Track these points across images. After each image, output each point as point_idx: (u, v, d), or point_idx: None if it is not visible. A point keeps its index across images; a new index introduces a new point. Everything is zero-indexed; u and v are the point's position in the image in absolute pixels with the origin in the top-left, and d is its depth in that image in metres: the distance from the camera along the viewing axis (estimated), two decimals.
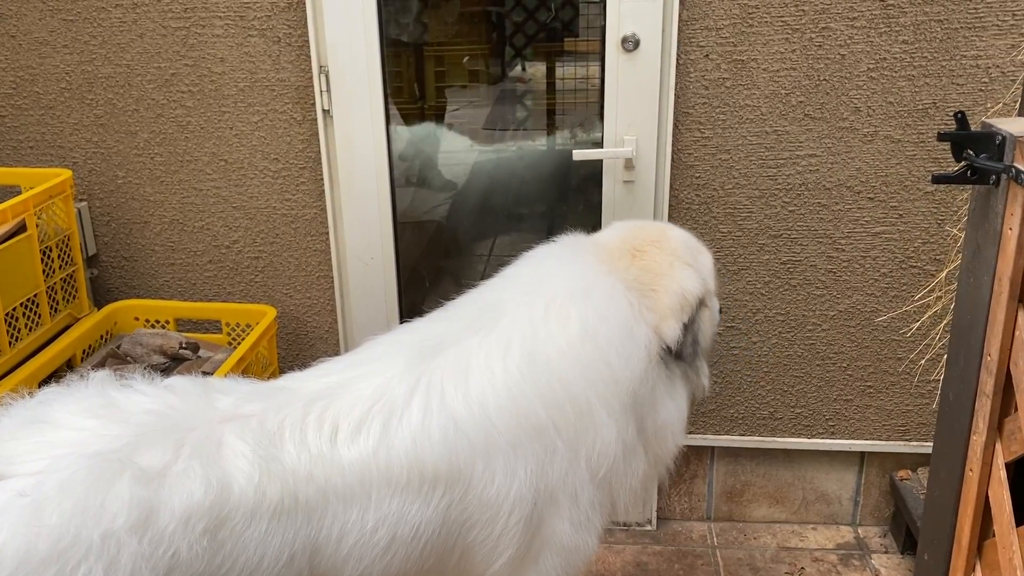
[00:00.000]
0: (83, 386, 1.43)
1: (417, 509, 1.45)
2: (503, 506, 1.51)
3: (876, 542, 2.75)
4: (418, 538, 1.46)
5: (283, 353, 2.69)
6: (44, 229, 2.29)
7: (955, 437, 1.64)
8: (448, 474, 1.47)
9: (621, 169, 2.44)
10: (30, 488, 1.23)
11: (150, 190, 2.58)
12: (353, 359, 1.62)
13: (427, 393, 1.51)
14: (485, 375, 1.54)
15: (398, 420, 1.47)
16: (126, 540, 1.23)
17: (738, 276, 2.55)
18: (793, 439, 2.72)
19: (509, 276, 1.76)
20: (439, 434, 1.47)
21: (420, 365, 1.55)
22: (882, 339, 2.57)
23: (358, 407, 1.47)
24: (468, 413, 1.50)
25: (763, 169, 2.44)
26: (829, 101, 2.36)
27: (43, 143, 2.56)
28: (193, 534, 1.28)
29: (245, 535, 1.33)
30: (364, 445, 1.44)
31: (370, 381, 1.52)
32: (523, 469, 1.52)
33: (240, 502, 1.33)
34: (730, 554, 2.70)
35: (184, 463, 1.32)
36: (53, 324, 2.34)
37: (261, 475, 1.36)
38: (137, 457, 1.30)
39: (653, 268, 1.71)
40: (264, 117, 2.48)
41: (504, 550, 1.55)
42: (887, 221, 2.46)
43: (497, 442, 1.50)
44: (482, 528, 1.52)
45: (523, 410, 1.52)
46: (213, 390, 1.48)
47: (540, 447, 1.53)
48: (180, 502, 1.28)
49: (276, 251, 2.62)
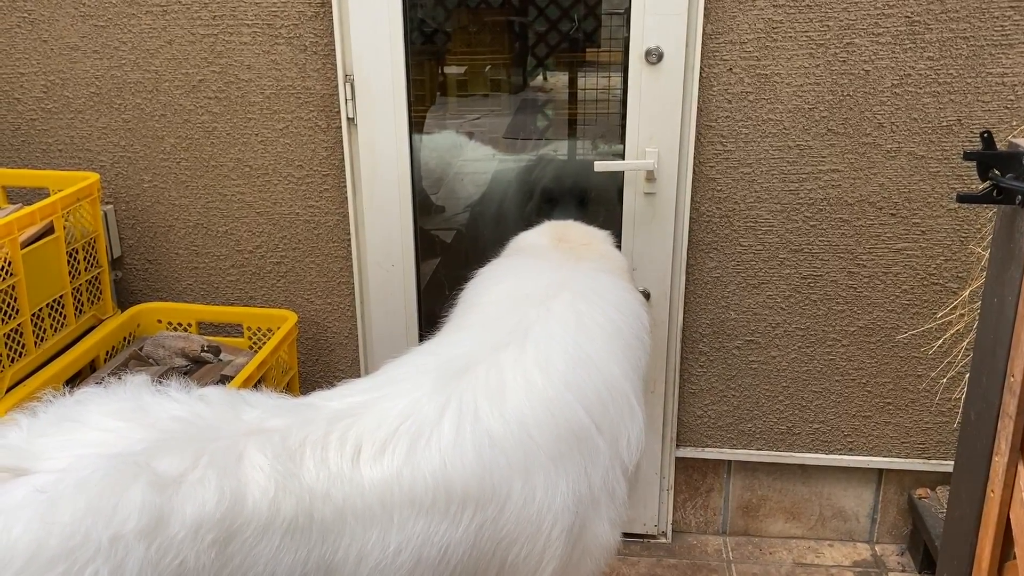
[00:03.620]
0: (119, 389, 1.44)
1: (444, 530, 1.41)
2: (545, 521, 1.48)
3: (893, 560, 2.73)
4: (446, 560, 1.42)
5: (303, 358, 2.70)
6: (71, 231, 2.32)
7: (976, 457, 1.63)
8: (480, 494, 1.44)
9: (642, 181, 2.44)
10: (49, 485, 1.24)
11: (175, 194, 2.61)
12: (378, 379, 1.60)
13: (459, 411, 1.48)
14: (523, 390, 1.52)
15: (426, 440, 1.44)
16: (134, 545, 1.22)
17: (758, 290, 2.55)
18: (811, 454, 2.71)
19: (503, 289, 1.81)
20: (473, 453, 1.44)
21: (450, 384, 1.52)
22: (902, 356, 2.56)
23: (384, 427, 1.45)
24: (505, 430, 1.47)
25: (785, 183, 2.44)
26: (852, 116, 2.36)
27: (71, 147, 2.60)
28: (202, 544, 1.26)
29: (256, 550, 1.31)
30: (388, 465, 1.41)
31: (397, 401, 1.49)
32: (565, 482, 1.49)
33: (253, 515, 1.31)
34: (745, 569, 2.69)
35: (200, 472, 1.31)
36: (78, 325, 2.36)
37: (277, 490, 1.34)
38: (155, 462, 1.30)
39: (591, 247, 1.96)
40: (289, 124, 2.50)
41: (548, 564, 1.51)
42: (909, 238, 2.45)
43: (537, 458, 1.48)
44: (523, 545, 1.48)
45: (565, 419, 1.51)
46: (242, 402, 1.47)
47: (582, 454, 1.52)
48: (192, 511, 1.27)
49: (298, 256, 2.64)
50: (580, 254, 1.95)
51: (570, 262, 1.90)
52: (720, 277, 2.55)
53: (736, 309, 2.56)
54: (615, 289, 1.83)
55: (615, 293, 1.81)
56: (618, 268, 1.98)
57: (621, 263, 2.04)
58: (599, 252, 1.99)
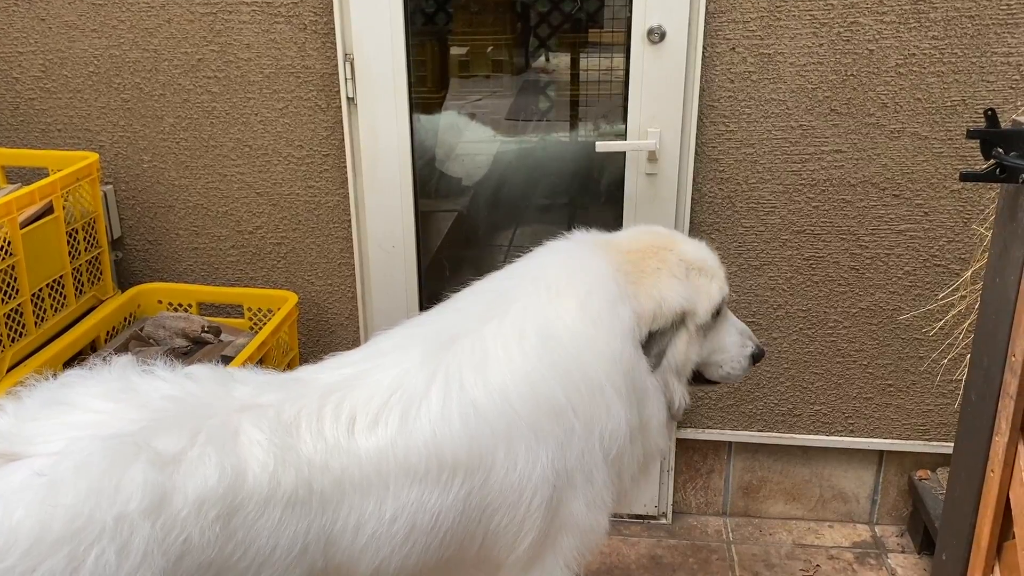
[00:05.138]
0: (105, 370, 1.44)
1: (436, 498, 1.45)
2: (525, 490, 1.52)
3: (893, 541, 2.74)
4: (437, 527, 1.46)
5: (304, 339, 2.70)
6: (70, 211, 2.32)
7: (977, 437, 1.62)
8: (468, 461, 1.48)
9: (644, 162, 2.43)
10: (47, 468, 1.24)
11: (175, 175, 2.60)
12: (367, 352, 1.63)
13: (446, 382, 1.51)
14: (503, 361, 1.55)
15: (416, 410, 1.48)
16: (139, 523, 1.23)
17: (760, 272, 2.54)
18: (811, 436, 2.71)
19: (515, 268, 1.79)
20: (459, 422, 1.48)
21: (437, 355, 1.55)
22: (904, 338, 2.55)
23: (376, 398, 1.47)
24: (488, 400, 1.51)
25: (788, 164, 2.42)
26: (856, 96, 2.34)
27: (70, 126, 2.58)
28: (206, 520, 1.28)
29: (258, 523, 1.33)
30: (382, 435, 1.44)
31: (387, 372, 1.52)
32: (544, 453, 1.53)
33: (254, 490, 1.33)
34: (745, 549, 2.70)
35: (199, 449, 1.32)
36: (78, 305, 2.36)
37: (276, 464, 1.36)
38: (153, 441, 1.30)
39: (644, 269, 1.70)
40: (289, 104, 2.49)
41: (527, 534, 1.56)
42: (912, 219, 2.44)
43: (519, 427, 1.51)
44: (505, 513, 1.53)
45: (542, 393, 1.54)
46: (232, 379, 1.49)
47: (560, 429, 1.55)
48: (194, 488, 1.28)
49: (298, 237, 2.63)
50: (631, 275, 1.69)
51: (604, 259, 1.71)
52: (722, 258, 2.45)
53: (738, 291, 2.55)
54: (603, 284, 1.67)
55: (600, 287, 1.66)
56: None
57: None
58: (648, 291, 1.68)
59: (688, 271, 1.72)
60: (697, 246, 1.81)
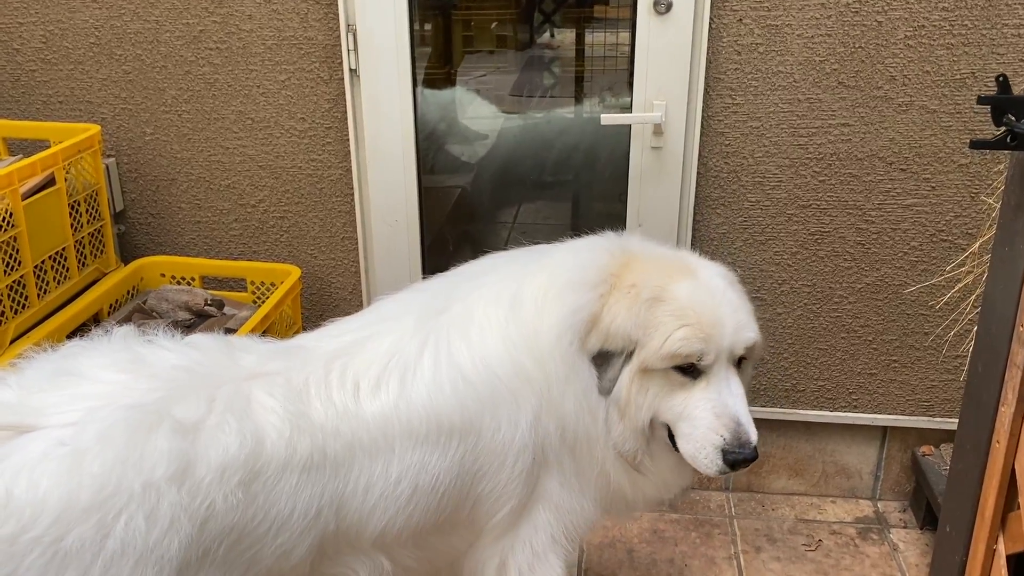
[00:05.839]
0: (106, 341, 1.45)
1: (436, 460, 1.50)
2: (508, 455, 1.56)
3: (895, 517, 2.74)
4: (437, 488, 1.51)
5: (307, 313, 2.70)
6: (72, 183, 2.31)
7: (982, 408, 1.62)
8: (462, 425, 1.52)
9: (650, 135, 2.41)
10: (69, 438, 1.26)
11: (177, 147, 2.59)
12: (366, 318, 1.67)
13: (436, 348, 1.56)
14: (484, 327, 1.58)
15: (412, 375, 1.52)
16: (166, 490, 1.26)
17: (765, 247, 2.52)
18: (815, 412, 2.71)
19: (539, 247, 1.79)
20: (449, 387, 1.52)
21: (429, 321, 1.59)
22: (909, 313, 2.54)
23: (375, 364, 1.51)
24: (472, 365, 1.55)
25: (794, 138, 2.40)
26: (864, 69, 2.31)
27: (72, 98, 2.57)
28: (228, 486, 1.32)
29: (277, 488, 1.38)
30: (384, 400, 1.49)
31: (384, 339, 1.56)
32: (524, 419, 1.56)
33: (272, 456, 1.38)
34: (748, 524, 2.70)
35: (218, 417, 1.36)
36: (81, 278, 2.36)
37: (292, 430, 1.40)
38: (173, 410, 1.33)
39: (623, 283, 1.58)
40: (291, 76, 2.47)
41: (507, 501, 1.60)
42: (919, 193, 2.42)
43: (500, 391, 1.55)
44: (490, 479, 1.57)
45: (516, 360, 1.57)
46: (235, 348, 1.52)
47: (536, 399, 1.57)
48: (216, 454, 1.32)
49: (301, 211, 2.62)
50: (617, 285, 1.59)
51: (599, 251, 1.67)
52: (727, 233, 2.52)
53: (742, 266, 2.54)
54: (580, 268, 1.63)
55: (575, 266, 1.63)
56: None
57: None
58: (610, 307, 1.57)
59: (655, 303, 1.54)
60: (702, 291, 1.58)
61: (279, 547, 1.39)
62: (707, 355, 1.54)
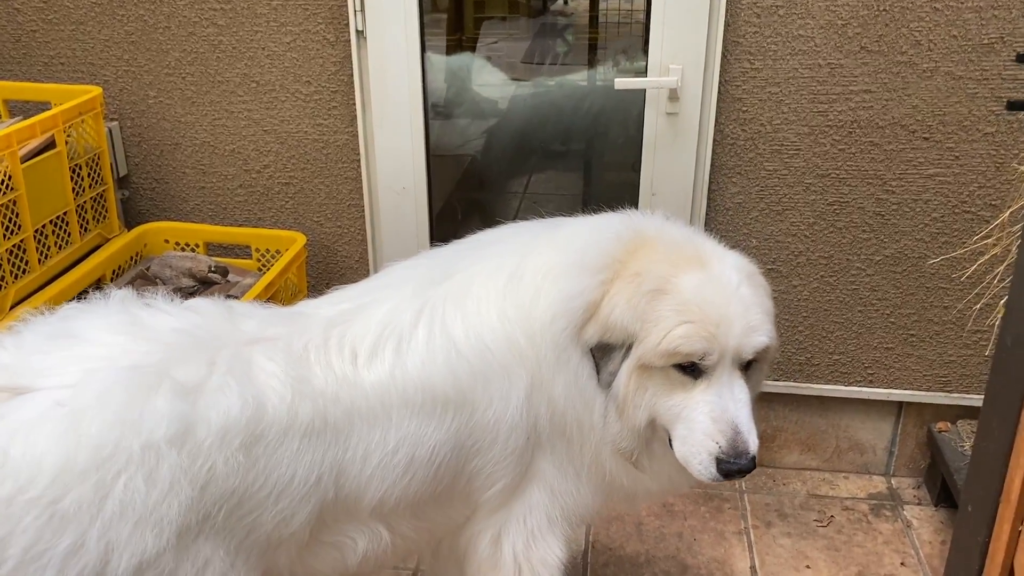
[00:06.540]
0: (105, 304, 1.43)
1: (433, 431, 1.48)
2: (500, 431, 1.53)
3: (909, 493, 2.70)
4: (433, 460, 1.49)
5: (313, 282, 2.65)
6: (74, 146, 2.26)
7: (1010, 384, 1.56)
8: (456, 397, 1.49)
9: (665, 100, 2.34)
10: (67, 399, 1.24)
11: (181, 111, 2.53)
12: (367, 285, 1.65)
13: (431, 318, 1.53)
14: (481, 299, 1.55)
15: (407, 345, 1.49)
16: (166, 452, 1.25)
17: (781, 217, 2.46)
18: (829, 386, 2.66)
19: (557, 219, 1.72)
20: (442, 357, 1.49)
21: (427, 291, 1.56)
22: (928, 286, 2.48)
23: (371, 332, 1.49)
24: (466, 337, 1.52)
25: (814, 104, 2.33)
26: (888, 33, 2.23)
27: (74, 60, 2.51)
28: (229, 449, 1.31)
29: (278, 453, 1.36)
30: (381, 369, 1.47)
31: (381, 307, 1.54)
32: (515, 395, 1.52)
33: (274, 420, 1.36)
34: (758, 499, 2.67)
35: (219, 379, 1.34)
36: (83, 243, 2.32)
37: (294, 395, 1.39)
38: (173, 372, 1.32)
39: (627, 271, 1.48)
40: (297, 37, 2.41)
41: (500, 478, 1.58)
42: (942, 163, 2.35)
43: (493, 366, 1.51)
44: (483, 454, 1.54)
45: (510, 335, 1.53)
46: (235, 313, 1.51)
47: (527, 376, 1.53)
48: (217, 417, 1.31)
49: (307, 177, 2.57)
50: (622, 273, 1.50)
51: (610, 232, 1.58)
52: (743, 203, 2.46)
53: (758, 236, 2.48)
54: (587, 248, 1.55)
55: (580, 246, 1.56)
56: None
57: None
58: (611, 297, 1.48)
59: (657, 295, 1.44)
60: (711, 285, 1.46)
61: (279, 513, 1.38)
62: (709, 355, 1.43)
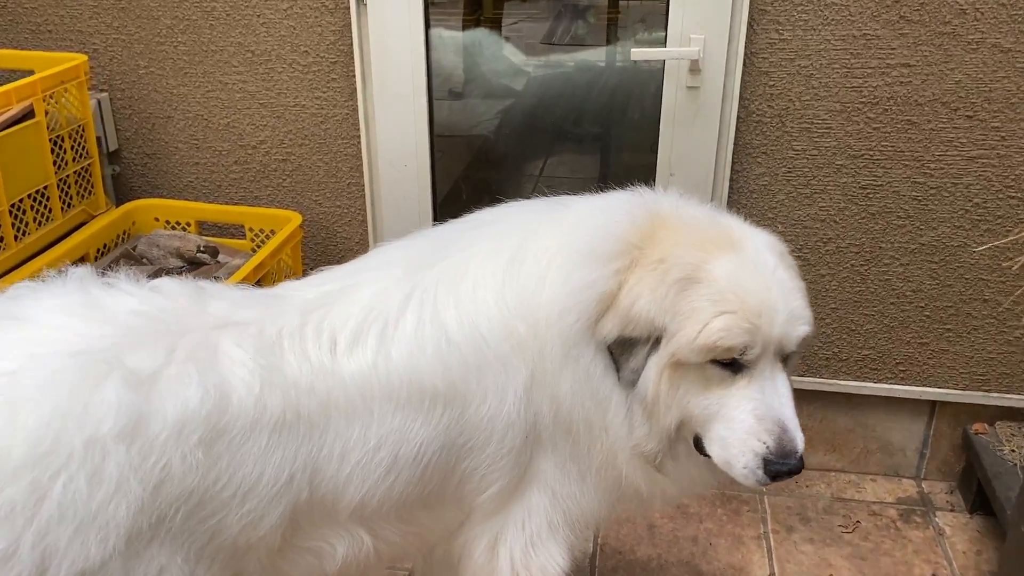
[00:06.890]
0: (59, 283, 1.31)
1: (419, 427, 1.36)
2: (495, 430, 1.40)
3: (942, 499, 2.53)
4: (420, 459, 1.37)
5: (311, 264, 2.53)
6: (55, 117, 2.14)
7: None
8: (446, 390, 1.37)
9: (685, 73, 2.18)
10: (4, 387, 1.13)
11: (173, 82, 2.41)
12: (355, 266, 1.52)
13: (421, 303, 1.39)
14: (478, 283, 1.41)
15: (393, 331, 1.36)
16: (112, 447, 1.13)
17: (810, 200, 2.29)
18: (857, 383, 2.50)
19: (566, 197, 1.57)
20: (432, 347, 1.37)
21: (418, 273, 1.43)
22: (968, 277, 2.31)
23: (353, 317, 1.36)
24: (459, 325, 1.38)
25: (847, 79, 2.16)
26: (930, 1, 2.06)
27: (61, 27, 2.39)
28: (187, 445, 1.19)
29: (243, 449, 1.25)
30: (363, 357, 1.34)
31: (366, 289, 1.41)
32: (512, 391, 1.39)
33: (239, 413, 1.25)
34: (779, 502, 2.51)
35: (178, 367, 1.23)
36: (65, 220, 2.20)
37: (262, 386, 1.27)
38: (126, 359, 1.20)
39: (647, 258, 1.35)
40: (294, 4, 2.27)
41: (495, 480, 1.45)
42: (986, 144, 2.17)
43: (488, 357, 1.38)
44: (476, 454, 1.42)
45: (508, 324, 1.39)
46: (205, 294, 1.38)
47: (527, 370, 1.39)
48: (173, 409, 1.19)
49: (305, 154, 2.44)
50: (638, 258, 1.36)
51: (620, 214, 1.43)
52: (768, 185, 2.30)
53: (784, 222, 2.32)
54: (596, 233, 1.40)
55: (589, 230, 1.41)
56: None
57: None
58: (631, 286, 1.35)
59: (688, 284, 1.31)
60: (748, 270, 1.34)
61: (246, 515, 1.25)
62: (752, 348, 1.31)
